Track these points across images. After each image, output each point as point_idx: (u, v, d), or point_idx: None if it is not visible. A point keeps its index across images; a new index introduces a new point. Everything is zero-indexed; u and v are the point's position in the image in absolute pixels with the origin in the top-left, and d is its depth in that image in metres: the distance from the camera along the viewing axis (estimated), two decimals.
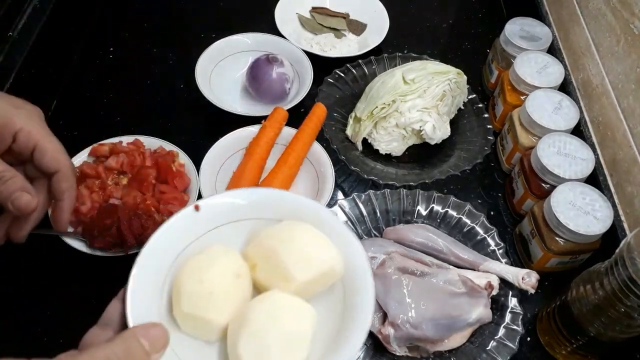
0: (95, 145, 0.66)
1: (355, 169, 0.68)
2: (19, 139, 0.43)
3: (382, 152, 0.73)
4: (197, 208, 0.39)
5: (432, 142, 0.73)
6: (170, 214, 0.62)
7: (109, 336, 0.34)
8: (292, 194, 0.42)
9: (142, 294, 0.35)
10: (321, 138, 0.71)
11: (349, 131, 0.74)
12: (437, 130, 0.71)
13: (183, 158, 0.67)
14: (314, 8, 0.93)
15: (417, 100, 0.69)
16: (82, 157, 0.66)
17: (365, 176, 0.67)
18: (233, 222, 0.41)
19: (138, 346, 0.32)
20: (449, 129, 0.73)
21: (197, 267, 0.37)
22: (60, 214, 0.48)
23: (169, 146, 0.67)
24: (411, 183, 0.67)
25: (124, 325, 0.34)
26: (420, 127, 0.70)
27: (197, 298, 0.36)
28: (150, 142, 0.68)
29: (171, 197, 0.63)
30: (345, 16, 0.92)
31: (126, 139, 0.67)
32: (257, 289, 0.39)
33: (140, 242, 0.59)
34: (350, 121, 0.74)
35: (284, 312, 0.35)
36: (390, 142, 0.72)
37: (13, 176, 0.42)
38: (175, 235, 0.38)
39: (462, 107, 0.76)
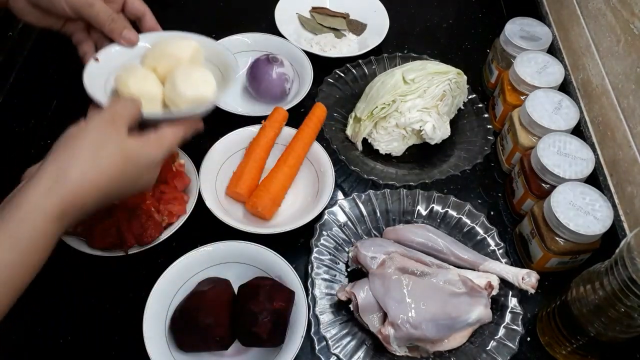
0: None
1: (355, 169, 0.68)
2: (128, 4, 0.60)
3: (382, 152, 0.73)
4: (96, 59, 0.60)
5: (432, 142, 0.73)
6: (171, 214, 0.62)
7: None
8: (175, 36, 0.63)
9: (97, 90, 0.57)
10: (321, 138, 0.71)
11: (349, 131, 0.74)
12: (437, 130, 0.71)
13: (183, 158, 0.67)
14: (314, 8, 0.93)
15: (417, 100, 0.69)
16: None
17: (365, 176, 0.67)
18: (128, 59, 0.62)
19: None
20: (449, 129, 0.73)
21: (127, 73, 0.57)
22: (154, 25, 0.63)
23: None
24: (411, 183, 0.67)
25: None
26: (420, 127, 0.70)
27: (139, 84, 0.56)
28: None
29: (171, 197, 0.63)
30: (345, 16, 0.92)
31: None
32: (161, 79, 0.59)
33: (140, 242, 0.59)
34: (350, 121, 0.74)
35: (193, 69, 0.58)
36: (390, 142, 0.72)
37: (119, 17, 0.59)
38: (100, 70, 0.60)
39: (462, 107, 0.76)
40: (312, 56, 0.81)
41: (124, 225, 0.58)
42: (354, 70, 0.79)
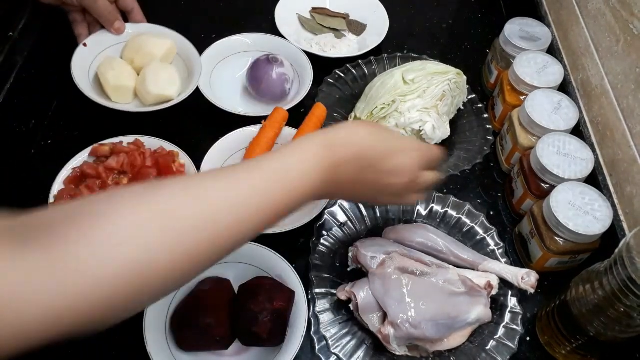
0: (95, 145, 0.66)
1: None
2: None
3: None
4: (85, 45, 0.73)
5: (432, 143, 0.73)
6: None
7: None
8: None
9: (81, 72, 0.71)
10: None
11: None
12: (437, 130, 0.71)
13: (183, 158, 0.67)
14: (314, 8, 0.93)
15: (416, 101, 0.70)
16: (82, 157, 0.66)
17: None
18: (113, 45, 0.76)
19: None
20: (448, 129, 0.73)
21: (107, 65, 0.72)
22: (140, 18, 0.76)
23: (169, 146, 0.67)
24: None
25: None
26: (420, 127, 0.70)
27: (116, 78, 0.71)
28: (151, 142, 0.68)
29: None
30: (345, 17, 0.92)
31: (127, 139, 0.67)
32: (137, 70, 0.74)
33: None
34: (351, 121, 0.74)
35: (162, 68, 0.72)
36: None
37: (114, 10, 0.73)
38: (87, 54, 0.74)
39: (462, 107, 0.77)
40: (312, 56, 0.81)
41: None
42: (353, 71, 0.79)
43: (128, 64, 0.74)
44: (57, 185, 0.63)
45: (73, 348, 0.57)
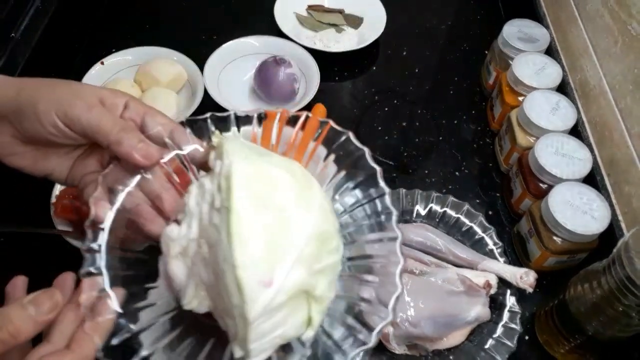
0: None
1: None
2: (130, 107, 0.40)
3: None
4: (102, 63, 0.76)
5: (173, 282, 0.38)
6: None
7: None
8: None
9: None
10: None
11: None
12: (182, 267, 0.37)
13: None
14: (310, 6, 0.94)
15: (208, 197, 0.36)
16: None
17: None
18: (130, 67, 0.78)
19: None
20: (205, 307, 0.37)
21: (112, 85, 0.74)
22: None
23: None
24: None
25: None
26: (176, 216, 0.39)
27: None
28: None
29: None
30: (341, 11, 0.93)
31: None
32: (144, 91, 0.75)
33: None
34: None
35: (161, 94, 0.74)
36: None
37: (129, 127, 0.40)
38: (103, 72, 0.77)
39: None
40: (315, 53, 0.82)
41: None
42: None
43: (136, 86, 0.76)
44: (59, 185, 0.63)
45: None
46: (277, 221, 0.33)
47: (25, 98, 0.38)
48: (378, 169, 0.39)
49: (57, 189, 0.63)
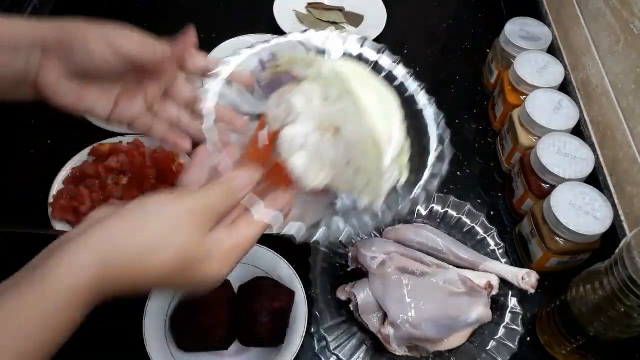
0: (95, 145, 0.66)
1: None
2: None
3: None
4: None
5: (293, 173, 0.43)
6: None
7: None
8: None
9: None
10: None
11: None
12: (302, 158, 0.44)
13: (183, 158, 0.67)
14: (309, 4, 0.93)
15: (317, 96, 0.45)
16: (82, 157, 0.66)
17: None
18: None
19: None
20: (319, 180, 0.44)
21: None
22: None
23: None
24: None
25: None
26: (285, 121, 0.45)
27: None
28: (151, 142, 0.68)
29: None
30: (341, 9, 0.93)
31: (126, 139, 0.67)
32: None
33: None
34: None
35: None
36: None
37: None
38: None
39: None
40: None
41: None
42: None
43: None
44: (57, 185, 0.63)
45: (72, 348, 0.57)
46: (382, 97, 0.45)
47: (73, 32, 0.42)
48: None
49: (55, 189, 0.63)
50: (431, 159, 0.47)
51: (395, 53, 0.84)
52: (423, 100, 0.51)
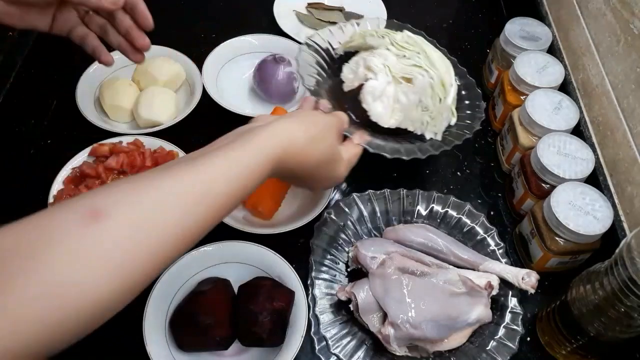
0: (95, 145, 0.66)
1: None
2: None
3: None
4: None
5: (370, 114, 0.64)
6: None
7: None
8: None
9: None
10: None
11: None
12: (379, 103, 0.63)
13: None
14: (309, 4, 0.93)
15: (391, 57, 0.63)
16: (82, 157, 0.66)
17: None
18: (124, 67, 0.75)
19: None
20: (393, 122, 0.64)
21: (109, 83, 0.74)
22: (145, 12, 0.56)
23: (169, 146, 0.67)
24: (404, 157, 0.62)
25: None
26: (367, 77, 0.64)
27: (111, 97, 0.72)
28: (150, 142, 0.68)
29: None
30: (341, 9, 0.93)
31: (126, 139, 0.67)
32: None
33: None
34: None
35: (159, 93, 0.73)
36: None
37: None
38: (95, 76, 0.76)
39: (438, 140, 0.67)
40: None
41: None
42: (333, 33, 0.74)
43: (134, 85, 0.75)
44: (57, 185, 0.63)
45: (72, 348, 0.56)
46: (441, 56, 0.67)
47: None
48: None
49: (55, 189, 0.63)
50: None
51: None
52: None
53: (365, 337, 0.57)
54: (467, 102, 0.73)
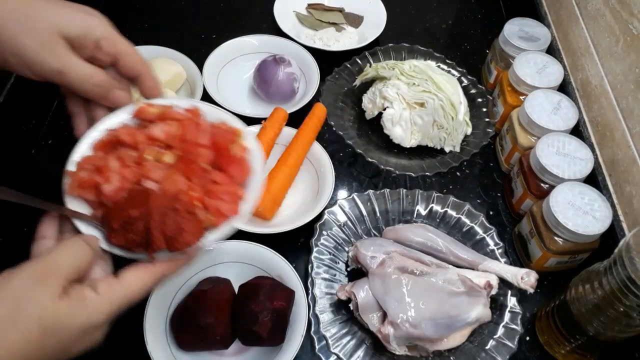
0: (142, 104, 0.48)
1: (359, 151, 0.68)
2: (103, 47, 0.46)
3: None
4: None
5: (391, 136, 0.73)
6: (218, 213, 0.43)
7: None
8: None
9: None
10: (321, 138, 0.71)
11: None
12: (398, 127, 0.72)
13: (248, 141, 0.47)
14: (309, 5, 0.93)
15: (402, 86, 0.71)
16: (122, 117, 0.48)
17: (369, 159, 0.68)
18: None
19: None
20: (414, 142, 0.73)
21: None
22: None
23: (234, 121, 0.49)
24: (411, 174, 0.67)
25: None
26: (384, 106, 0.72)
27: None
28: (212, 113, 0.49)
29: (224, 191, 0.44)
30: (341, 10, 0.93)
31: (183, 103, 0.49)
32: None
33: (172, 247, 0.40)
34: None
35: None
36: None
37: (106, 80, 0.46)
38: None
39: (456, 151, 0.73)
40: (316, 52, 0.81)
41: (154, 221, 0.40)
42: (359, 62, 0.79)
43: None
44: (84, 148, 0.46)
45: None
46: (447, 79, 0.72)
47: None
48: None
49: (79, 154, 0.45)
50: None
51: (395, 53, 0.85)
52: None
53: (365, 336, 0.57)
54: (484, 109, 0.77)
